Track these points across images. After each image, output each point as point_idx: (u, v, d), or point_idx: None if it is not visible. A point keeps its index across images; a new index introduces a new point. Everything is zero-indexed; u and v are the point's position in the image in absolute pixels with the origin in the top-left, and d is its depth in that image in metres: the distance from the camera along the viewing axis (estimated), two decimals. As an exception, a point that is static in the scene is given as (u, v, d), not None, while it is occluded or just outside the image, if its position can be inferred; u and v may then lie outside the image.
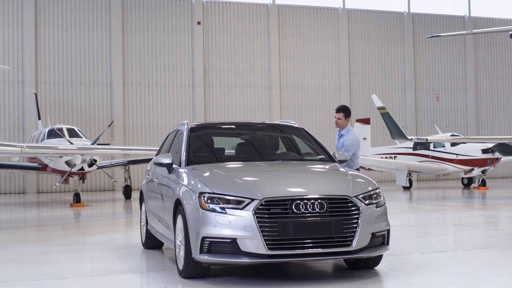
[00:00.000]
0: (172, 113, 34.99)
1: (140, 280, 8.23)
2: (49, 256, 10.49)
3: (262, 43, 37.23)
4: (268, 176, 8.33)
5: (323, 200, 7.45)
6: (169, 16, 35.52)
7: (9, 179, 32.25)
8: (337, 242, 7.45)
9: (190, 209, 7.75)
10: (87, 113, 33.54)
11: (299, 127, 10.10)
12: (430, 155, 30.34)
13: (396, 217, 16.70)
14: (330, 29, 38.78)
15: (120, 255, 10.47)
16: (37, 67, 32.98)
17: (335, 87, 38.62)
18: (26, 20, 32.84)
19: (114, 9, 34.27)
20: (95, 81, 33.94)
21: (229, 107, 36.26)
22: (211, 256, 7.47)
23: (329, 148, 33.14)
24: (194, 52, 35.68)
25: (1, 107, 32.36)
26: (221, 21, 36.62)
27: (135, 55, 34.70)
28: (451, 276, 7.87)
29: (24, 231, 15.15)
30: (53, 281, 8.15)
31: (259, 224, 7.26)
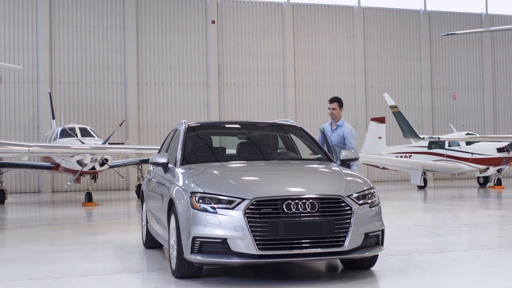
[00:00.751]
0: (186, 113, 34.99)
1: (132, 280, 8.19)
2: (48, 255, 10.50)
3: (276, 42, 37.13)
4: (261, 175, 8.26)
5: (315, 200, 7.37)
6: (183, 15, 35.53)
7: (24, 178, 32.42)
8: (329, 242, 7.36)
9: (181, 209, 7.73)
10: (101, 113, 33.64)
11: (298, 126, 10.01)
12: (445, 154, 30.09)
13: (404, 216, 16.62)
14: (345, 27, 38.60)
15: (119, 255, 10.46)
16: (52, 67, 33.12)
17: (350, 86, 38.44)
18: (41, 20, 33.00)
19: (129, 8, 34.35)
20: (109, 80, 34.04)
21: (244, 106, 36.21)
22: (202, 256, 7.43)
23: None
24: (208, 51, 35.67)
25: (16, 106, 32.55)
26: (236, 20, 36.57)
27: (149, 54, 34.75)
28: (445, 277, 7.76)
29: (30, 230, 15.19)
30: (46, 280, 8.16)
31: (249, 224, 7.20)
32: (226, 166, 8.80)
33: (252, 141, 9.96)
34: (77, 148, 20.03)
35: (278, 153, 9.69)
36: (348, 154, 9.09)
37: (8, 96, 32.49)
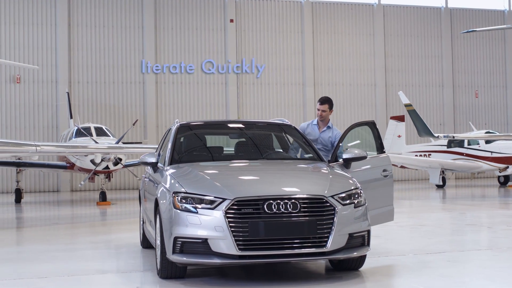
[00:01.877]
0: (205, 112, 34.98)
1: (116, 280, 8.14)
2: (44, 254, 10.50)
3: (295, 40, 36.98)
4: (245, 175, 8.18)
5: (297, 200, 7.27)
6: (202, 14, 35.52)
7: (43, 178, 32.65)
8: (311, 242, 7.25)
9: (164, 209, 7.73)
10: (120, 112, 33.76)
11: (291, 126, 9.89)
12: (464, 152, 29.76)
13: (413, 216, 16.45)
14: (365, 25, 38.33)
15: (115, 254, 10.45)
16: (70, 67, 33.30)
17: (370, 84, 38.17)
18: (60, 21, 33.19)
19: (147, 8, 34.41)
20: (127, 80, 34.14)
21: (263, 105, 36.10)
22: (183, 256, 7.38)
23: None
24: (226, 50, 35.61)
25: (35, 106, 32.78)
26: (254, 18, 36.48)
27: (168, 53, 34.78)
28: (433, 278, 7.63)
29: (34, 230, 15.23)
30: (32, 280, 8.15)
31: (230, 224, 7.14)
32: (213, 166, 8.75)
33: (243, 140, 9.89)
34: (84, 147, 20.06)
35: (269, 152, 9.58)
36: (352, 154, 8.84)
37: (27, 96, 32.72)
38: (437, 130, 38.23)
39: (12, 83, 32.51)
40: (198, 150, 9.59)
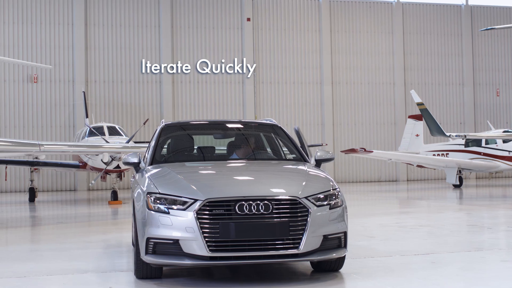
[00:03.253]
0: (222, 110, 34.98)
1: (92, 279, 8.07)
2: (32, 254, 10.54)
3: (313, 39, 36.80)
4: (220, 176, 8.12)
5: (269, 201, 7.16)
6: (218, 13, 35.49)
7: (60, 177, 32.84)
8: (283, 244, 7.14)
9: (138, 209, 7.75)
10: (137, 111, 33.85)
11: (275, 125, 9.78)
12: (482, 152, 29.37)
13: (416, 216, 16.27)
14: (384, 23, 38.03)
15: (102, 254, 10.41)
16: (87, 66, 33.46)
17: (389, 83, 37.87)
18: (76, 20, 33.37)
19: (164, 7, 34.46)
20: (144, 79, 34.21)
21: (280, 104, 35.98)
22: (156, 257, 7.34)
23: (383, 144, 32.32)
24: (243, 49, 35.55)
25: (52, 105, 32.98)
26: (271, 17, 36.36)
27: (185, 52, 34.80)
28: (408, 280, 7.50)
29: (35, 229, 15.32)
30: (11, 279, 8.14)
31: (200, 226, 7.07)
32: (190, 166, 8.71)
33: (227, 141, 9.82)
34: (89, 147, 20.11)
35: (252, 153, 9.47)
36: (323, 154, 8.84)
37: (44, 95, 32.93)
38: (457, 129, 37.89)
39: (29, 83, 32.75)
40: (180, 151, 9.54)
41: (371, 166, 36.92)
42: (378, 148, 35.89)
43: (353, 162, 36.61)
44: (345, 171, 36.77)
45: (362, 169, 37.04)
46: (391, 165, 36.94)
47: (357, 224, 14.46)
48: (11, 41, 32.67)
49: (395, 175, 37.55)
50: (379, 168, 37.14)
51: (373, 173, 37.23)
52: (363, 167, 36.94)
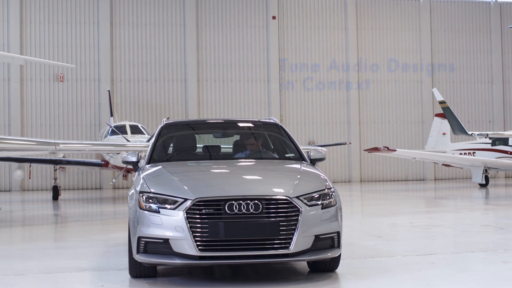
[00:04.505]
0: (247, 109, 34.95)
1: (86, 278, 8.09)
2: (38, 252, 10.61)
3: (339, 37, 36.59)
4: (212, 175, 8.10)
5: (259, 201, 7.11)
6: (244, 11, 35.46)
7: (86, 175, 33.09)
8: (274, 244, 7.09)
9: (131, 208, 7.78)
10: (162, 110, 33.97)
11: (276, 124, 9.71)
12: (509, 151, 28.94)
13: (432, 216, 16.09)
14: (411, 20, 37.66)
15: (105, 253, 10.41)
16: (112, 65, 33.67)
17: (416, 81, 37.50)
18: (102, 19, 33.58)
19: (188, 5, 34.53)
20: (169, 78, 34.33)
21: (306, 103, 35.83)
22: (147, 256, 7.36)
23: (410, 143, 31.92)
24: (269, 47, 35.48)
25: (79, 104, 33.24)
26: (297, 15, 36.23)
27: (210, 51, 34.84)
28: (402, 281, 7.42)
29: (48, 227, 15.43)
30: (8, 277, 8.25)
31: (190, 225, 7.06)
32: (185, 165, 8.70)
33: (226, 140, 9.79)
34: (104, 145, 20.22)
35: (251, 152, 9.41)
36: (316, 154, 8.82)
37: (70, 94, 33.19)
38: (486, 127, 37.42)
39: (55, 82, 33.05)
40: (178, 150, 9.53)
41: (398, 165, 36.62)
42: (405, 147, 35.61)
43: (379, 161, 36.35)
44: (372, 170, 36.52)
45: (389, 168, 36.76)
46: (418, 164, 36.60)
47: (369, 223, 14.36)
48: (38, 40, 32.98)
49: (422, 174, 37.20)
50: (406, 167, 36.82)
51: (400, 172, 36.92)
52: (390, 166, 36.65)
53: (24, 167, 27.31)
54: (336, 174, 36.03)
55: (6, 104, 32.50)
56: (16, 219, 17.51)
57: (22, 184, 31.99)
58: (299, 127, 35.66)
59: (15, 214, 19.06)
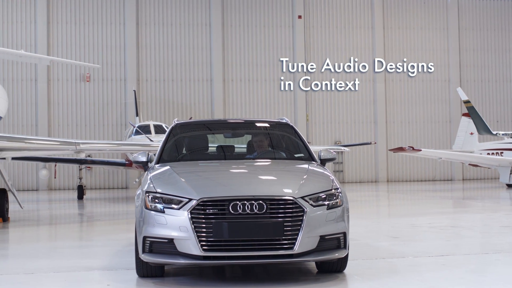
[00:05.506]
0: (273, 109, 34.89)
1: (95, 277, 8.13)
2: (53, 251, 10.75)
3: (365, 36, 36.36)
4: (217, 176, 8.06)
5: (264, 201, 7.08)
6: (269, 11, 35.42)
7: (112, 175, 33.30)
8: (278, 244, 7.06)
9: (137, 208, 7.78)
10: (188, 110, 34.06)
11: (287, 124, 9.65)
12: (537, 150, 28.52)
13: (453, 217, 15.98)
14: (439, 19, 37.31)
15: (119, 252, 10.43)
16: (139, 65, 33.85)
17: (443, 80, 37.14)
18: (128, 19, 33.78)
19: (214, 5, 34.59)
20: (195, 77, 34.42)
21: (332, 102, 35.67)
22: (152, 256, 7.38)
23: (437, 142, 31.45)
24: (295, 47, 35.40)
25: (104, 104, 33.47)
26: (323, 14, 36.09)
27: (235, 51, 34.86)
28: (408, 283, 7.37)
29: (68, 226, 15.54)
30: (18, 275, 8.34)
31: (194, 225, 7.06)
32: (193, 165, 8.70)
33: (236, 140, 9.77)
34: (127, 145, 20.30)
35: (260, 152, 9.35)
36: (326, 154, 8.76)
37: (96, 94, 33.44)
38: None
39: (82, 82, 33.32)
40: (187, 150, 9.53)
41: (425, 165, 36.31)
42: (432, 147, 35.30)
43: (406, 161, 36.09)
44: (399, 170, 36.28)
45: (416, 168, 36.47)
46: (446, 164, 36.25)
47: (387, 224, 14.27)
48: (64, 41, 33.25)
49: (450, 174, 36.86)
50: (434, 167, 36.48)
51: (427, 172, 36.61)
52: (417, 166, 36.36)
53: (51, 167, 27.60)
54: (363, 174, 35.86)
55: (33, 104, 32.84)
56: (38, 218, 17.68)
57: (49, 184, 32.30)
58: (325, 127, 35.54)
59: (37, 213, 19.25)
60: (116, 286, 7.58)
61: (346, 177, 35.65)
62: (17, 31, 33.02)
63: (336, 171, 35.49)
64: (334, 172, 35.24)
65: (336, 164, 35.54)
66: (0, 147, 14.90)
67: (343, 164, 35.75)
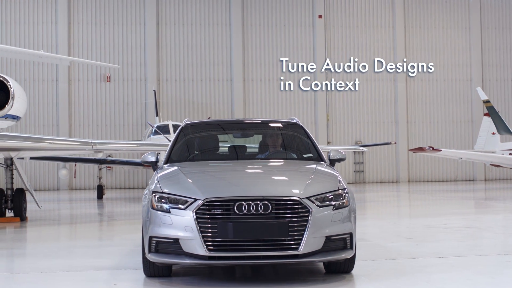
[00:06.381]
0: (294, 109, 34.86)
1: (103, 276, 8.13)
2: (64, 250, 10.80)
3: (386, 35, 36.21)
4: (223, 176, 8.05)
5: (269, 202, 7.06)
6: (290, 10, 35.38)
7: (133, 175, 33.46)
8: (283, 245, 7.03)
9: (144, 208, 7.78)
10: (208, 109, 34.13)
11: (296, 124, 9.60)
12: (560, 150, 28.23)
13: (469, 217, 15.84)
14: (460, 18, 37.04)
15: (130, 252, 10.46)
16: (159, 65, 33.99)
17: (465, 80, 36.88)
18: (148, 19, 33.92)
19: (234, 5, 34.62)
20: (215, 77, 34.49)
21: (352, 102, 35.57)
22: (158, 256, 7.38)
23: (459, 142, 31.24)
24: (315, 46, 35.33)
25: (125, 104, 33.65)
26: (343, 14, 35.99)
27: (255, 50, 34.87)
28: (414, 284, 7.30)
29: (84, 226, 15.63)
30: (27, 274, 8.41)
31: (199, 225, 7.05)
32: (200, 166, 8.70)
33: (246, 140, 9.76)
34: (143, 145, 20.37)
35: (269, 152, 9.33)
36: (336, 154, 8.72)
37: (117, 94, 33.64)
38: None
39: (102, 82, 33.53)
40: (196, 150, 9.52)
41: (446, 165, 36.07)
42: (454, 147, 35.06)
43: (428, 161, 35.88)
44: (420, 170, 36.09)
45: (438, 168, 36.25)
46: (467, 164, 35.98)
47: (403, 224, 14.19)
48: (85, 41, 33.49)
49: (472, 175, 36.58)
50: (455, 167, 36.22)
51: (449, 172, 36.37)
52: (439, 166, 36.13)
53: (71, 167, 27.80)
54: (384, 174, 35.71)
55: (54, 104, 33.10)
56: (56, 217, 17.79)
57: (69, 183, 32.51)
58: (346, 127, 35.44)
59: (55, 213, 19.36)
60: (122, 286, 7.60)
61: (366, 177, 35.54)
62: (38, 32, 33.31)
63: (357, 171, 35.41)
64: (354, 173, 35.25)
65: (356, 164, 35.45)
66: (17, 147, 15.04)
67: (363, 164, 35.64)
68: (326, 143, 34.31)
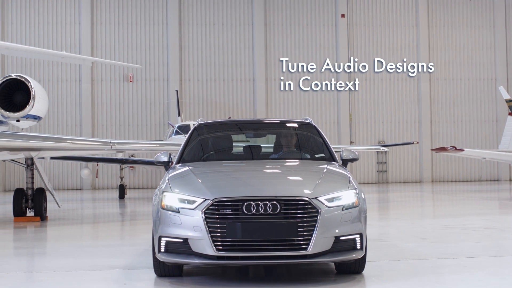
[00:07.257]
0: (316, 109, 34.76)
1: (114, 276, 8.18)
2: (80, 250, 10.81)
3: (410, 34, 35.96)
4: (233, 176, 8.08)
5: (278, 202, 7.05)
6: (312, 10, 35.27)
7: (155, 174, 33.53)
8: (292, 245, 7.02)
9: (154, 208, 7.81)
10: (230, 109, 34.14)
11: (309, 124, 9.56)
12: None
13: (489, 218, 15.73)
14: (485, 17, 36.67)
15: (143, 252, 10.43)
16: (181, 65, 34.07)
17: (490, 79, 36.52)
18: (171, 19, 34.02)
19: (257, 4, 34.60)
20: (237, 77, 34.49)
21: (375, 101, 35.37)
22: (168, 256, 7.41)
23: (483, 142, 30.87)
24: (338, 46, 35.21)
25: (147, 104, 33.77)
26: (366, 13, 35.78)
27: (278, 50, 34.81)
28: (425, 285, 7.26)
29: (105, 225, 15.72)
30: (40, 273, 8.53)
31: (208, 225, 7.07)
32: (211, 166, 8.73)
33: (258, 140, 9.75)
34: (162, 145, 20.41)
35: (281, 152, 9.31)
36: (348, 155, 8.68)
37: (139, 94, 33.76)
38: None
39: (125, 82, 33.70)
40: (208, 150, 9.53)
41: (470, 165, 35.75)
42: (478, 147, 34.73)
43: (451, 161, 35.59)
44: (444, 170, 35.81)
45: (461, 168, 35.95)
46: (492, 164, 35.62)
47: (420, 225, 14.10)
48: (108, 41, 33.66)
49: (497, 175, 36.22)
50: (480, 167, 35.88)
51: (473, 172, 36.06)
52: (462, 166, 35.83)
53: (94, 167, 27.97)
54: (407, 174, 35.49)
55: (77, 104, 33.31)
56: (76, 217, 17.93)
57: (92, 183, 32.71)
58: (369, 127, 35.27)
59: (76, 212, 19.52)
60: (132, 285, 7.64)
61: (390, 177, 35.34)
62: (62, 33, 33.54)
63: (380, 171, 35.23)
64: (377, 173, 35.08)
65: (379, 164, 35.29)
66: (36, 147, 15.15)
67: (387, 164, 35.45)
68: (349, 142, 34.19)
